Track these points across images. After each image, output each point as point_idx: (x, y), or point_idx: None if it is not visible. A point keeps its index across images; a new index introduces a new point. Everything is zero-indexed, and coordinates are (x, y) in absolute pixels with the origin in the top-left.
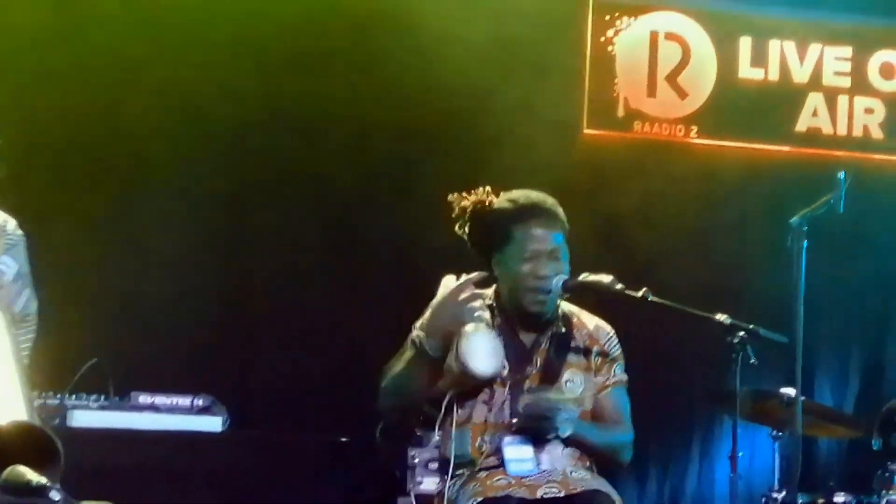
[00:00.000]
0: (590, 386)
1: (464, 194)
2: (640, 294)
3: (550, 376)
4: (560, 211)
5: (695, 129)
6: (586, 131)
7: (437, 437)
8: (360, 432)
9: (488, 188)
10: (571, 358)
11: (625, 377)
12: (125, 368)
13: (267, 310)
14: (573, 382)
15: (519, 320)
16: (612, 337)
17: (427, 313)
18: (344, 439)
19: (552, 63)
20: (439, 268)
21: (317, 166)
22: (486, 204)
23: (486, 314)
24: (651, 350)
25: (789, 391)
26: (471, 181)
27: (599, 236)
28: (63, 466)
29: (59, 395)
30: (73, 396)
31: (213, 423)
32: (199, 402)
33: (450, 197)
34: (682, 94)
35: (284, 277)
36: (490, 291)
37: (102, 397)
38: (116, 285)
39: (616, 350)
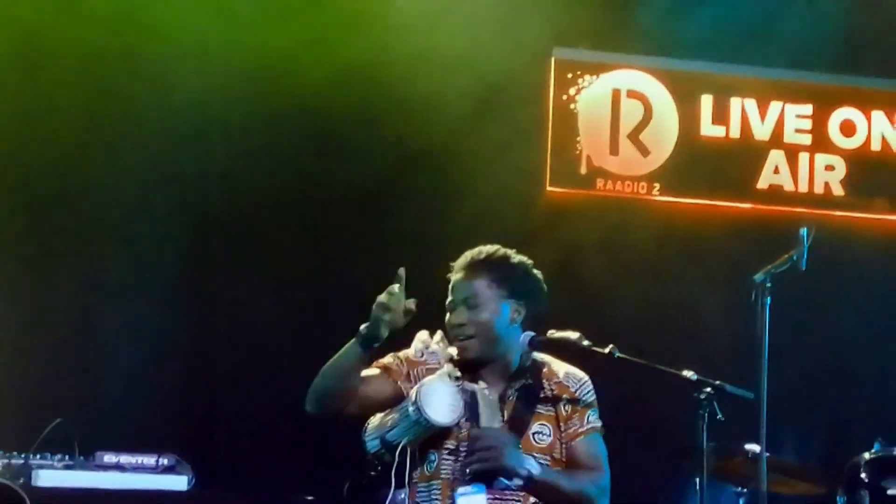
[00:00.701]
0: (559, 437)
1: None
2: (606, 350)
3: (518, 427)
4: (495, 260)
5: (657, 186)
6: (549, 188)
7: (402, 494)
8: (326, 492)
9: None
10: (540, 408)
11: (599, 424)
12: (90, 428)
13: (232, 368)
14: (542, 434)
15: (483, 373)
16: (584, 383)
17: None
18: (310, 498)
19: (515, 121)
20: (407, 326)
21: (280, 222)
22: None
23: (454, 369)
24: (615, 406)
25: (754, 447)
26: (434, 240)
27: (563, 292)
28: None
29: (23, 455)
30: (38, 456)
31: (178, 482)
32: (165, 461)
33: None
34: (645, 151)
35: (249, 336)
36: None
37: (67, 457)
38: (80, 345)
39: (589, 397)
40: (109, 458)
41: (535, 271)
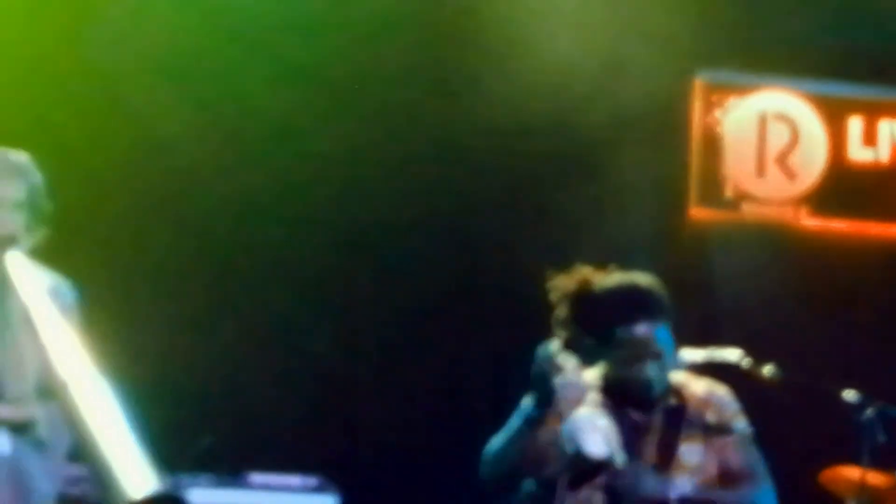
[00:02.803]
0: (711, 453)
1: (565, 276)
2: (766, 371)
3: (667, 453)
4: (663, 295)
5: (805, 210)
6: (693, 211)
7: None
8: None
9: (588, 269)
10: (686, 431)
11: (748, 431)
12: (237, 447)
13: (377, 389)
14: (692, 454)
15: (628, 400)
16: (726, 397)
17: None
18: None
19: (659, 143)
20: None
21: (422, 236)
22: (589, 291)
23: (598, 397)
24: (762, 428)
25: None
26: (575, 258)
27: (707, 317)
28: None
29: (174, 473)
30: (189, 475)
31: (325, 503)
32: (311, 482)
33: (551, 279)
34: (792, 174)
35: (394, 355)
36: (596, 371)
37: (217, 476)
38: (228, 365)
39: (733, 407)
40: (257, 477)
41: None
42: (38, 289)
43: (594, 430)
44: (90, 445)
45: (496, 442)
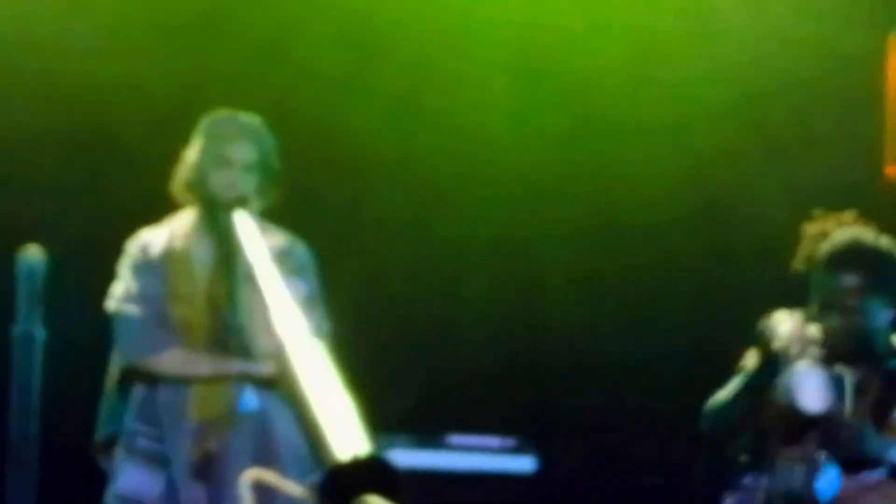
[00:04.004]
0: None
1: (827, 218)
2: None
3: (881, 413)
4: (887, 260)
5: None
6: (889, 170)
7: (749, 478)
8: (674, 474)
9: (850, 216)
10: None
11: None
12: (437, 408)
13: (574, 348)
14: None
15: (848, 355)
16: None
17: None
18: (657, 482)
19: (855, 100)
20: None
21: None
22: (826, 237)
23: (819, 352)
24: None
25: None
26: (763, 213)
27: None
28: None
29: (372, 434)
30: (387, 435)
31: (525, 463)
32: (510, 443)
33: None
34: None
35: (588, 316)
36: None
37: (414, 436)
38: (426, 324)
39: None
40: (456, 439)
41: None
42: (263, 250)
43: (812, 385)
44: (302, 406)
45: (719, 398)
